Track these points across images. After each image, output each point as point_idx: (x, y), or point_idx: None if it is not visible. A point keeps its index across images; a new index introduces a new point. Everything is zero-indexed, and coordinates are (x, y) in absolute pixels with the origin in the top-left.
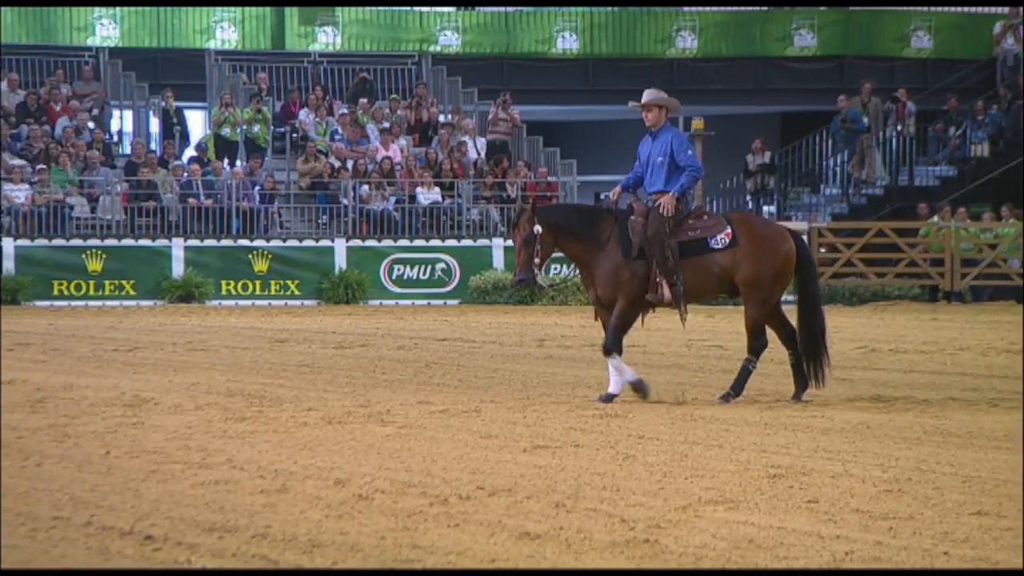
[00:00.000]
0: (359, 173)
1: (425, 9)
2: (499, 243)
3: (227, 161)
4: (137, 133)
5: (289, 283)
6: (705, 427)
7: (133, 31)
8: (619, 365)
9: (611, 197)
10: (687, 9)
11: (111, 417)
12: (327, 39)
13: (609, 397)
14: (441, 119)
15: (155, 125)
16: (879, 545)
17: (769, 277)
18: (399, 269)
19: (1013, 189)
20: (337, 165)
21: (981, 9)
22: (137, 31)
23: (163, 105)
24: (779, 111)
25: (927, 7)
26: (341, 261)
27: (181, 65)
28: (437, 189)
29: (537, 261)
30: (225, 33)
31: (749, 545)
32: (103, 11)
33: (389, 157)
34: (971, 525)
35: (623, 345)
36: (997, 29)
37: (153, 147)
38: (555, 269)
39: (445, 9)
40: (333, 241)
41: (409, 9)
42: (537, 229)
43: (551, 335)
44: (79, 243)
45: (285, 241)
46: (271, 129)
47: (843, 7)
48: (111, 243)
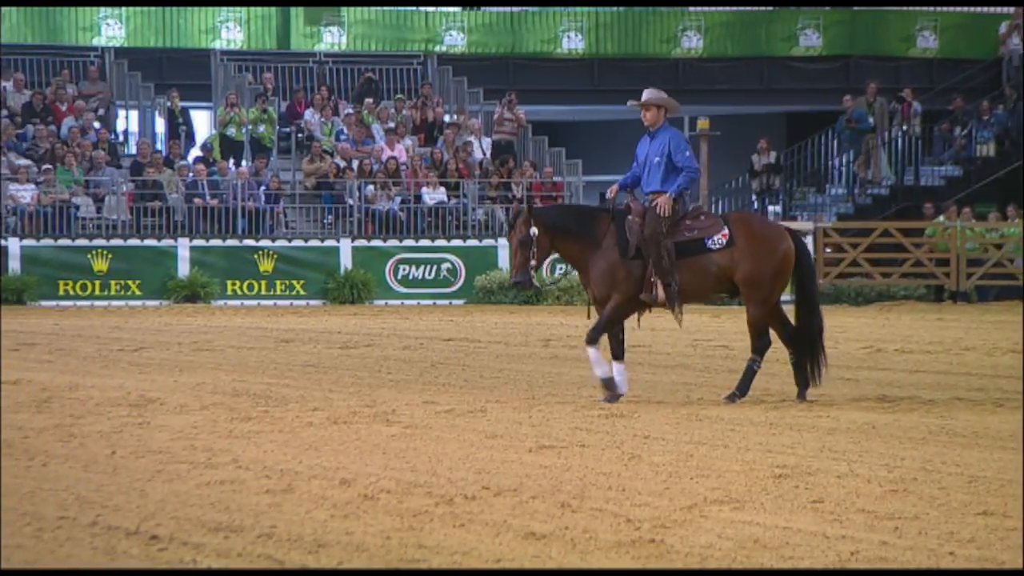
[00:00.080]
0: (364, 173)
1: (430, 9)
2: (504, 243)
3: (232, 161)
4: (143, 133)
5: (294, 283)
6: (711, 427)
7: (139, 31)
8: (597, 358)
9: (609, 195)
10: (692, 9)
11: (117, 417)
12: (332, 39)
13: (614, 397)
14: (446, 119)
15: (161, 125)
16: (884, 545)
17: (768, 276)
18: (404, 269)
19: (1018, 189)
20: (342, 165)
21: (987, 9)
22: (143, 31)
23: (168, 105)
24: (784, 111)
25: (933, 7)
26: (346, 261)
27: (186, 65)
28: (442, 189)
29: (533, 263)
30: (231, 33)
31: (754, 545)
32: (109, 11)
33: (394, 157)
34: (976, 525)
35: (624, 347)
36: (1003, 29)
37: (159, 147)
38: (559, 269)
39: (450, 9)
40: (339, 241)
41: (414, 9)
42: (533, 231)
43: (556, 335)
44: (85, 243)
45: (291, 241)
46: (276, 129)
47: (849, 7)
48: (117, 243)
